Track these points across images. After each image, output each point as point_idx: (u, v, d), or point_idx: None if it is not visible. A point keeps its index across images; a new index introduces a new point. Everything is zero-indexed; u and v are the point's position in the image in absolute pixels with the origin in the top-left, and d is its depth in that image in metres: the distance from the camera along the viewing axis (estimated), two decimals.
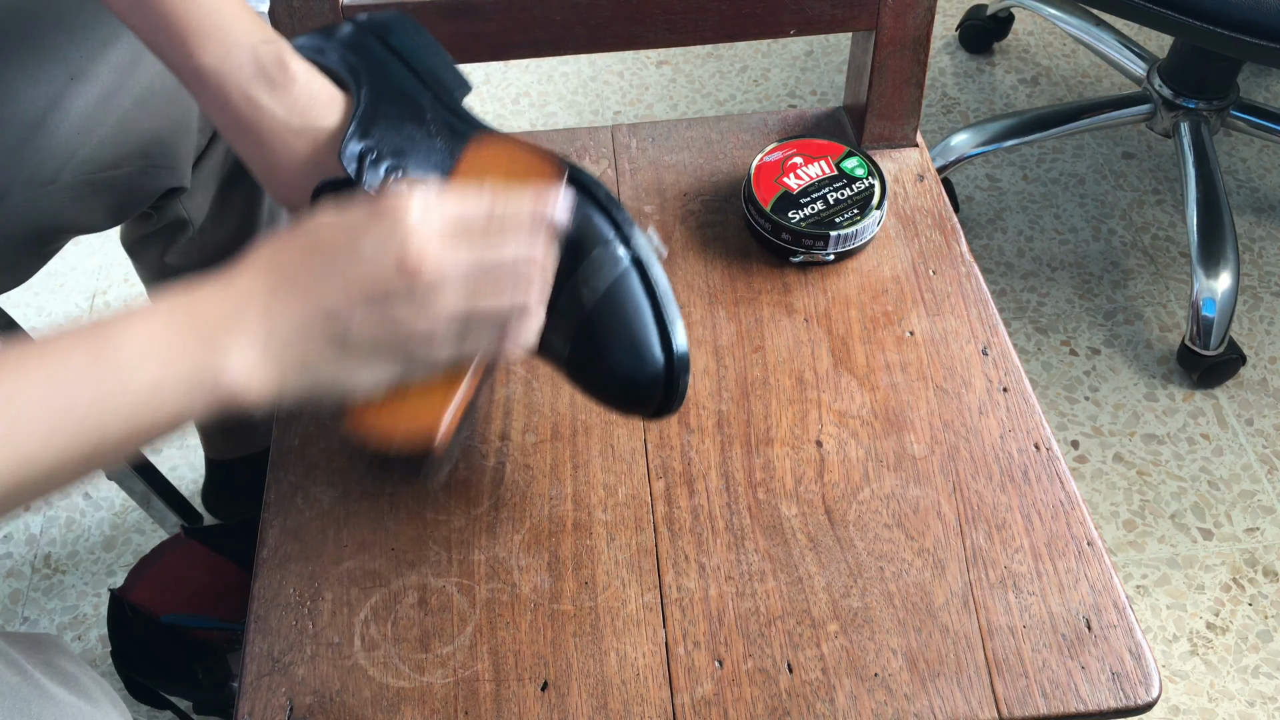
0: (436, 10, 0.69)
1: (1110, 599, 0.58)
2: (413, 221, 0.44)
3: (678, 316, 0.54)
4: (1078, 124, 1.42)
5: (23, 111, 0.63)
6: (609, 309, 0.53)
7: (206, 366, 0.41)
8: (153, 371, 0.40)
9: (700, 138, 0.82)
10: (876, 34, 0.73)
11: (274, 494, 0.63)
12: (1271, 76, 1.63)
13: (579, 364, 0.55)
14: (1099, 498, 1.18)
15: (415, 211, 0.44)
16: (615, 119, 1.59)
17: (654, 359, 0.53)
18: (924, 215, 0.76)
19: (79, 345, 0.39)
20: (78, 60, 0.64)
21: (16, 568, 1.15)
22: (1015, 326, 1.33)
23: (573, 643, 0.57)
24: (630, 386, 0.54)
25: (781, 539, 0.60)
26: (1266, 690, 1.04)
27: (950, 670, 0.56)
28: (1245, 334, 1.32)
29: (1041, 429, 0.65)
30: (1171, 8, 1.05)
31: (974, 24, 1.66)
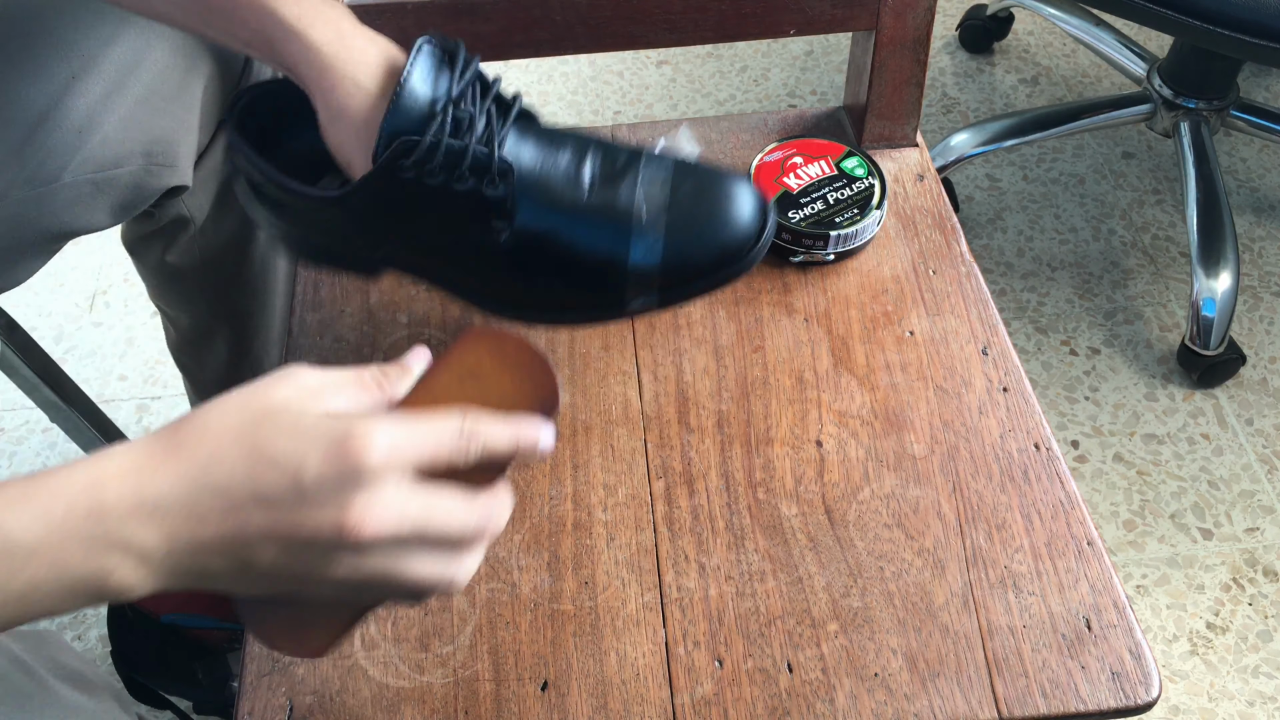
0: (436, 10, 0.69)
1: (1110, 599, 0.58)
2: (368, 476, 0.39)
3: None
4: (1078, 124, 1.42)
5: (24, 110, 0.63)
6: (683, 196, 0.57)
7: (94, 578, 0.38)
8: (37, 574, 0.37)
9: (700, 137, 0.82)
10: (876, 34, 0.74)
11: None
12: (1271, 76, 1.63)
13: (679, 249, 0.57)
14: (1099, 497, 1.18)
15: (375, 460, 0.38)
16: (615, 119, 1.59)
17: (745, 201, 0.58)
18: (924, 215, 0.76)
19: None
20: (80, 58, 0.64)
21: None
22: (1015, 326, 1.33)
23: (573, 642, 0.57)
24: (737, 235, 0.58)
25: (781, 539, 0.60)
26: (1266, 690, 1.04)
27: (950, 670, 0.56)
28: (1245, 334, 1.32)
29: (1041, 429, 0.65)
30: (1171, 8, 1.05)
31: (974, 24, 1.66)
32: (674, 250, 0.56)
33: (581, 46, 0.72)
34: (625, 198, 0.56)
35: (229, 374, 0.97)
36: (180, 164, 0.73)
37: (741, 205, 0.57)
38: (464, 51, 0.56)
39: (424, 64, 0.54)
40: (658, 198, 0.56)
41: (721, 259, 0.57)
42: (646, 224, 0.56)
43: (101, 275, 1.42)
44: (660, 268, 0.57)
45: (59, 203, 0.67)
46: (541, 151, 0.56)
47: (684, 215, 0.57)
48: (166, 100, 0.70)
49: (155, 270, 0.89)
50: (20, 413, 1.28)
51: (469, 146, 0.54)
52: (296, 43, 0.54)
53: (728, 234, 0.57)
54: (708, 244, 0.57)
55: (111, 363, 1.33)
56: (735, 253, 0.57)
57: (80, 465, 0.39)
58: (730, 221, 0.57)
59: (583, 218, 0.56)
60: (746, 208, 0.58)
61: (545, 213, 0.56)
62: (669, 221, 0.56)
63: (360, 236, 0.58)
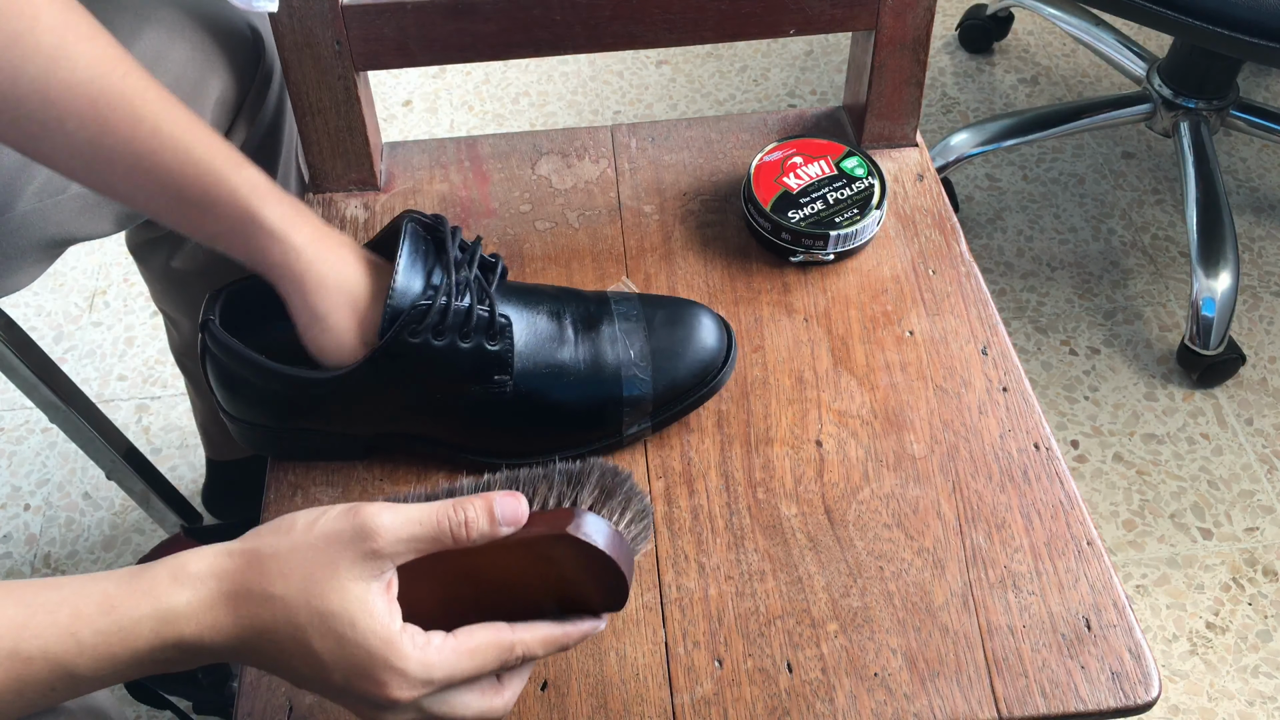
0: (436, 10, 0.69)
1: (1110, 598, 0.58)
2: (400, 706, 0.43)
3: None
4: (1077, 124, 1.42)
5: None
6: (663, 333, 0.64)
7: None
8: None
9: (700, 137, 0.82)
10: (876, 34, 0.73)
11: (273, 493, 0.63)
12: (1271, 76, 1.63)
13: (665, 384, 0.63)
14: (1099, 497, 1.18)
15: (406, 696, 0.43)
16: (615, 119, 1.59)
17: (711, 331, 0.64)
18: (924, 215, 0.76)
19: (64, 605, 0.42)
20: None
21: (16, 567, 1.15)
22: (1015, 326, 1.33)
23: None
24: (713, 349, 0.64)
25: (781, 539, 0.60)
26: (1266, 690, 1.04)
27: (950, 670, 0.56)
28: (1245, 334, 1.32)
29: (1041, 429, 0.65)
30: (1171, 8, 1.05)
31: (974, 24, 1.66)
32: (662, 380, 0.62)
33: (581, 46, 0.72)
34: (611, 345, 0.62)
35: None
36: None
37: (708, 329, 0.64)
38: (446, 223, 0.60)
39: (411, 240, 0.58)
40: (639, 337, 0.62)
41: (702, 378, 0.63)
42: (636, 363, 0.62)
43: (101, 275, 1.42)
44: (652, 397, 0.62)
45: (66, 212, 0.67)
46: (524, 308, 0.61)
47: (664, 347, 0.62)
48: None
49: (159, 275, 0.89)
50: (19, 412, 1.28)
51: (472, 307, 0.58)
52: (278, 245, 0.56)
53: (704, 356, 0.63)
54: (690, 368, 0.62)
55: (111, 362, 1.33)
56: (711, 371, 0.63)
57: (150, 595, 0.43)
58: (703, 345, 0.63)
59: (577, 369, 0.61)
60: (712, 331, 0.64)
61: (542, 364, 0.60)
62: (653, 352, 0.62)
63: (355, 415, 0.61)
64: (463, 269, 0.59)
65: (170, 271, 0.87)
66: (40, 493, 1.21)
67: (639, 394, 0.62)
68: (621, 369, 0.61)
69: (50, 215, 0.66)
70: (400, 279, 0.56)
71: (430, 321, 0.57)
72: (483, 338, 0.58)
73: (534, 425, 0.61)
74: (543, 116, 1.59)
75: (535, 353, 0.60)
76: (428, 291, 0.57)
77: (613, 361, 0.61)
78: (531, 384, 0.60)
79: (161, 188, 0.56)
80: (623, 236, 0.76)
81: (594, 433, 0.63)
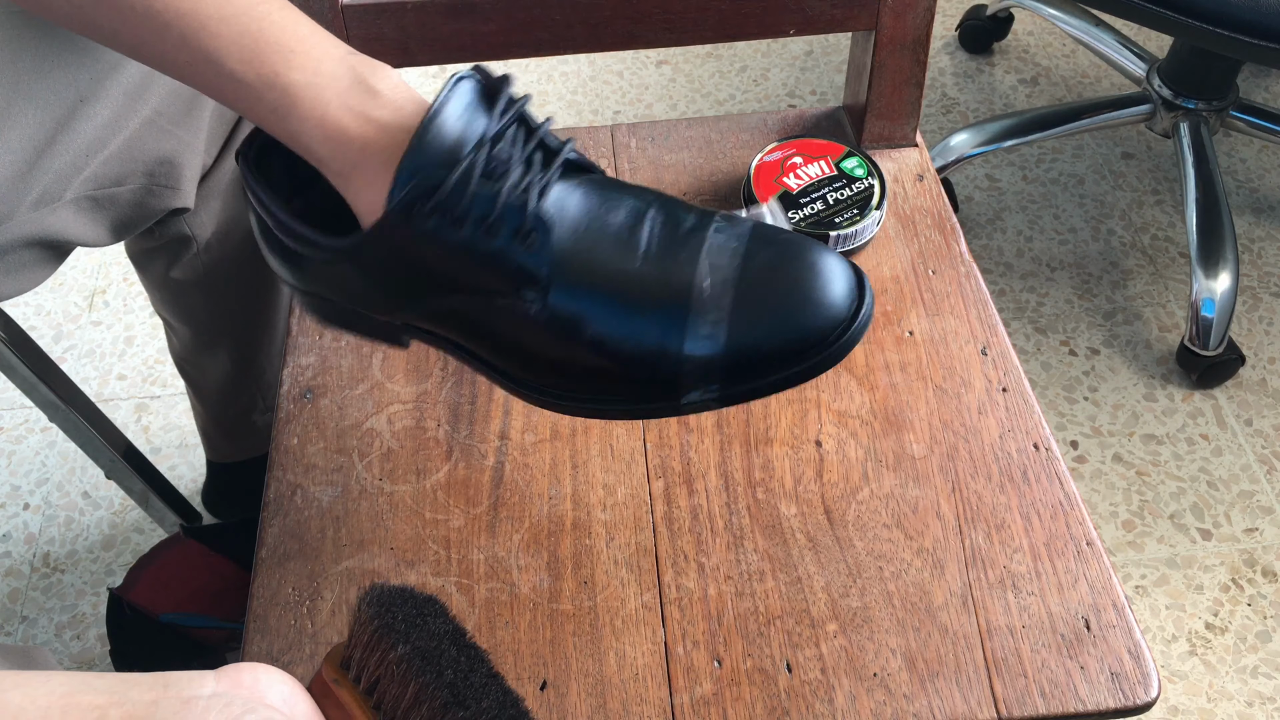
0: (436, 10, 0.69)
1: (1109, 599, 0.58)
2: None
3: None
4: (1077, 124, 1.42)
5: (30, 135, 0.62)
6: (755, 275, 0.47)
7: None
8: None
9: (700, 137, 0.82)
10: (876, 34, 0.73)
11: (273, 493, 0.63)
12: (1271, 76, 1.63)
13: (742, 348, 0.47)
14: (1098, 498, 1.18)
15: None
16: (615, 118, 1.59)
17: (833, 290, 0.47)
18: (923, 215, 0.76)
19: None
20: (87, 82, 0.64)
21: (15, 567, 1.15)
22: (1015, 327, 1.33)
23: (572, 642, 0.57)
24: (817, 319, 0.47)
25: (780, 539, 0.60)
26: (1265, 690, 1.04)
27: (949, 670, 0.56)
28: (1244, 334, 1.32)
29: (1041, 429, 0.65)
30: (1171, 8, 1.05)
31: (974, 24, 1.66)
32: (739, 334, 0.46)
33: (581, 46, 0.72)
34: (685, 268, 0.47)
35: (231, 383, 0.97)
36: (183, 186, 0.73)
37: (828, 283, 0.46)
38: (509, 87, 0.47)
39: (461, 96, 0.46)
40: (725, 269, 0.46)
41: (802, 346, 0.46)
42: (708, 301, 0.46)
43: (101, 274, 1.42)
44: (723, 356, 0.47)
45: (62, 220, 0.67)
46: (590, 208, 0.48)
47: (755, 291, 0.46)
48: (172, 123, 0.70)
49: (159, 284, 0.89)
50: (19, 412, 1.28)
51: (501, 193, 0.45)
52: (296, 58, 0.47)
53: (807, 318, 0.46)
54: (781, 329, 0.46)
55: (110, 362, 1.33)
56: (818, 339, 0.46)
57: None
58: (811, 302, 0.46)
59: (632, 290, 0.47)
60: (838, 282, 0.47)
61: (587, 282, 0.47)
62: (735, 297, 0.46)
63: (376, 298, 0.50)
64: (503, 144, 0.46)
65: (169, 281, 0.87)
66: (39, 492, 1.21)
67: (703, 351, 0.46)
68: (691, 309, 0.46)
69: (46, 223, 0.66)
70: (429, 133, 0.44)
71: (440, 201, 0.45)
72: (512, 238, 0.46)
73: (570, 358, 0.48)
74: (543, 116, 1.59)
75: (583, 267, 0.47)
76: (458, 164, 0.45)
77: (678, 297, 0.46)
78: (570, 307, 0.47)
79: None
80: None
81: (644, 387, 0.48)
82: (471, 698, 0.38)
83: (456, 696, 0.37)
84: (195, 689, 0.35)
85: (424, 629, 0.39)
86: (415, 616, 0.40)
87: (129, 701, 0.34)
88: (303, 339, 0.70)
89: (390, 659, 0.38)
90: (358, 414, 0.66)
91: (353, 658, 0.39)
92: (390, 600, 0.40)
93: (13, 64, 0.61)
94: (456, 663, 0.39)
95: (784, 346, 0.46)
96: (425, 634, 0.39)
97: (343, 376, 0.68)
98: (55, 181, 0.64)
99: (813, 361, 0.47)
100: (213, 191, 0.80)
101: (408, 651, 0.38)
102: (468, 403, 0.67)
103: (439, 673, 0.38)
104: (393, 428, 0.66)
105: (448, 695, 0.37)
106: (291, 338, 0.70)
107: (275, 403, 0.68)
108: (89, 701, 0.34)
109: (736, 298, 0.46)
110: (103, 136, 0.66)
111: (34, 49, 0.62)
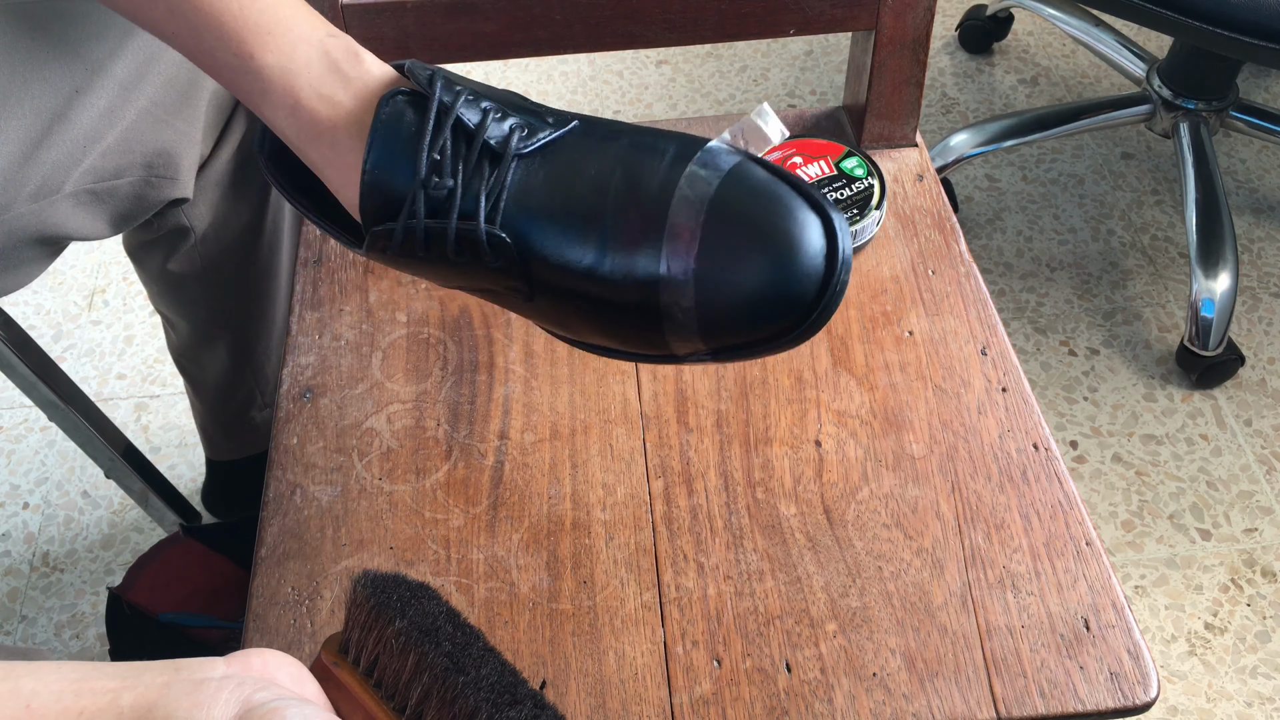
0: (436, 10, 0.69)
1: (1109, 599, 0.58)
2: None
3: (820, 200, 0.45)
4: (1077, 124, 1.43)
5: (26, 127, 0.62)
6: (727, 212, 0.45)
7: None
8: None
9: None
10: (876, 34, 0.73)
11: (272, 492, 0.63)
12: (1271, 77, 1.63)
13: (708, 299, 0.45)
14: (1098, 498, 1.18)
15: None
16: (614, 118, 1.59)
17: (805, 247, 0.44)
18: (923, 215, 0.76)
19: None
20: (82, 74, 0.64)
21: (15, 566, 1.15)
22: (1014, 327, 1.33)
23: (571, 642, 0.57)
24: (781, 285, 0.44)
25: (780, 538, 0.60)
26: (1264, 691, 1.04)
27: (948, 670, 0.56)
28: (1244, 335, 1.32)
29: (1040, 429, 0.65)
30: (1171, 8, 1.05)
31: (974, 24, 1.66)
32: (709, 298, 0.45)
33: (581, 46, 0.72)
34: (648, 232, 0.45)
35: (230, 378, 0.97)
36: (181, 176, 0.73)
37: (799, 239, 0.43)
38: (439, 89, 0.47)
39: (390, 126, 0.46)
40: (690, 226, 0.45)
41: (768, 311, 0.44)
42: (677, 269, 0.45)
43: (100, 273, 1.42)
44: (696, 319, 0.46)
45: (60, 213, 0.67)
46: (554, 190, 0.47)
47: (719, 250, 0.45)
48: (170, 113, 0.70)
49: (156, 277, 0.89)
50: (18, 411, 1.28)
51: (449, 228, 0.46)
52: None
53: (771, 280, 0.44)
54: (746, 291, 0.44)
55: (110, 361, 1.33)
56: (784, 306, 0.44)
57: None
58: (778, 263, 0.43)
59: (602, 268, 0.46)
60: (805, 243, 0.44)
61: (563, 261, 0.47)
62: (700, 252, 0.45)
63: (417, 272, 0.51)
64: (442, 174, 0.46)
65: (167, 274, 0.87)
66: (39, 491, 1.21)
67: (677, 316, 0.45)
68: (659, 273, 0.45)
69: (44, 216, 0.66)
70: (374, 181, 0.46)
71: (397, 245, 0.46)
72: (475, 254, 0.47)
73: (572, 317, 0.49)
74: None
75: (557, 247, 0.46)
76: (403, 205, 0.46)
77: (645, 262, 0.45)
78: (553, 286, 0.47)
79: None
80: None
81: (641, 344, 0.48)
82: (471, 665, 0.38)
83: (456, 664, 0.38)
84: (206, 672, 0.35)
85: (420, 608, 0.40)
86: (410, 597, 0.40)
87: (141, 685, 0.34)
88: (302, 339, 0.70)
89: (388, 634, 0.38)
90: (357, 413, 0.66)
91: (350, 639, 0.40)
92: (385, 582, 0.40)
93: (7, 56, 0.62)
94: (453, 637, 0.39)
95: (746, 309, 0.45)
96: (421, 612, 0.40)
97: (342, 376, 0.68)
98: (53, 173, 0.64)
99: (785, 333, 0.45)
100: (210, 182, 0.80)
101: (405, 625, 0.38)
102: (467, 402, 0.67)
103: (437, 643, 0.38)
104: (392, 427, 0.66)
105: (447, 663, 0.38)
106: (291, 337, 0.70)
107: (274, 400, 0.68)
108: (101, 686, 0.34)
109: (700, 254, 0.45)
110: (99, 128, 0.66)
111: (28, 42, 0.62)
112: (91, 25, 0.65)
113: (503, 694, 0.38)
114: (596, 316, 0.48)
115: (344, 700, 0.39)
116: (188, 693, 0.34)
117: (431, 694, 0.37)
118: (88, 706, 0.34)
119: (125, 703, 0.34)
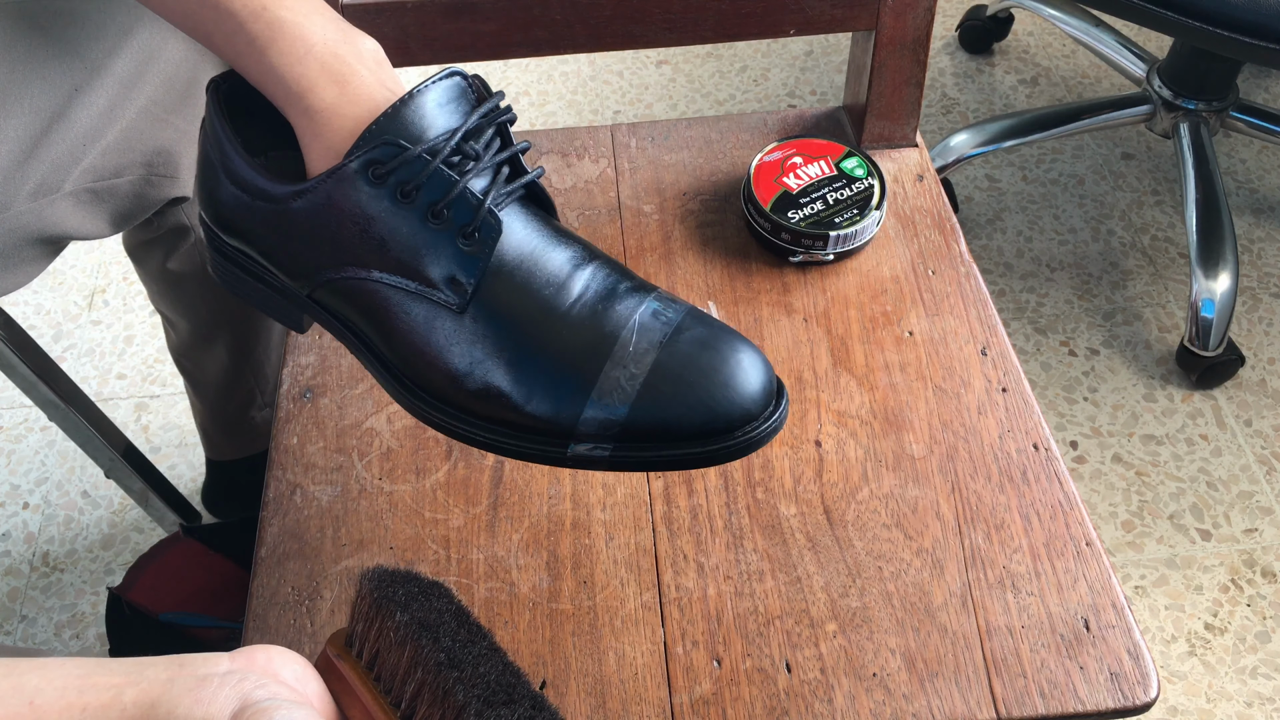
0: (436, 10, 0.69)
1: (1109, 599, 0.58)
2: None
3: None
4: (1077, 124, 1.43)
5: (26, 125, 0.62)
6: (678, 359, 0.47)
7: None
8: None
9: (700, 137, 0.82)
10: (876, 34, 0.73)
11: (272, 492, 0.63)
12: (1271, 77, 1.63)
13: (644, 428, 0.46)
14: (1098, 498, 1.18)
15: None
16: (615, 118, 1.59)
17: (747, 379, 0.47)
18: (923, 215, 0.76)
19: None
20: (81, 72, 0.64)
21: (15, 566, 1.15)
22: (1014, 327, 1.33)
23: (571, 642, 0.57)
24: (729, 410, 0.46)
25: (780, 539, 0.60)
26: (1264, 691, 1.04)
27: (948, 670, 0.56)
28: (1244, 335, 1.32)
29: (1040, 429, 0.65)
30: (1171, 8, 1.05)
31: (974, 24, 1.66)
32: (648, 399, 0.46)
33: (581, 46, 0.72)
34: (614, 321, 0.47)
35: (230, 378, 0.97)
36: (181, 175, 0.73)
37: (752, 373, 0.47)
38: (498, 98, 0.48)
39: (449, 88, 0.47)
40: (654, 333, 0.46)
41: (706, 429, 0.46)
42: (628, 358, 0.46)
43: (100, 273, 1.42)
44: (626, 417, 0.46)
45: (60, 212, 0.67)
46: (537, 240, 0.48)
47: (676, 360, 0.46)
48: (169, 111, 0.70)
49: (156, 276, 0.89)
50: (18, 411, 1.28)
51: (457, 184, 0.46)
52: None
53: (722, 400, 0.46)
54: (694, 405, 0.46)
55: (110, 361, 1.33)
56: (724, 427, 0.46)
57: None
58: (731, 385, 0.46)
59: (554, 330, 0.47)
60: (758, 378, 0.47)
61: (510, 307, 0.47)
62: (655, 362, 0.46)
63: (295, 256, 0.49)
64: (480, 143, 0.47)
65: (166, 273, 0.87)
66: (39, 491, 1.21)
67: (607, 408, 0.46)
68: (605, 362, 0.46)
69: (44, 215, 0.66)
70: (407, 108, 0.45)
71: (396, 168, 0.45)
72: (457, 227, 0.46)
73: (471, 377, 0.47)
74: (543, 116, 1.59)
75: (516, 288, 0.47)
76: (426, 142, 0.45)
77: (595, 346, 0.46)
78: (487, 324, 0.47)
79: None
80: (622, 236, 0.76)
81: (539, 422, 0.47)
82: (469, 663, 0.38)
83: (452, 659, 0.37)
84: (210, 668, 0.35)
85: (425, 604, 0.40)
86: (417, 593, 0.40)
87: (145, 680, 0.35)
88: (303, 338, 0.70)
89: (388, 627, 0.38)
90: (357, 413, 0.66)
91: (355, 633, 0.40)
92: (391, 577, 0.40)
93: (6, 56, 0.62)
94: (456, 634, 0.39)
95: (688, 424, 0.46)
96: (426, 608, 0.39)
97: (342, 376, 0.68)
98: (53, 172, 0.64)
99: (713, 448, 0.46)
100: None
101: (406, 620, 0.38)
102: None
103: (435, 639, 0.38)
104: (392, 427, 0.66)
105: (443, 658, 0.37)
106: (291, 337, 0.70)
107: (274, 400, 0.68)
108: (105, 681, 0.34)
109: (656, 362, 0.46)
110: (99, 126, 0.66)
111: (27, 41, 0.62)
112: (90, 24, 0.65)
113: (497, 693, 0.37)
114: (517, 363, 0.47)
115: (344, 694, 0.39)
116: (190, 689, 0.34)
117: (424, 689, 0.37)
118: (91, 702, 0.34)
119: (128, 698, 0.34)
